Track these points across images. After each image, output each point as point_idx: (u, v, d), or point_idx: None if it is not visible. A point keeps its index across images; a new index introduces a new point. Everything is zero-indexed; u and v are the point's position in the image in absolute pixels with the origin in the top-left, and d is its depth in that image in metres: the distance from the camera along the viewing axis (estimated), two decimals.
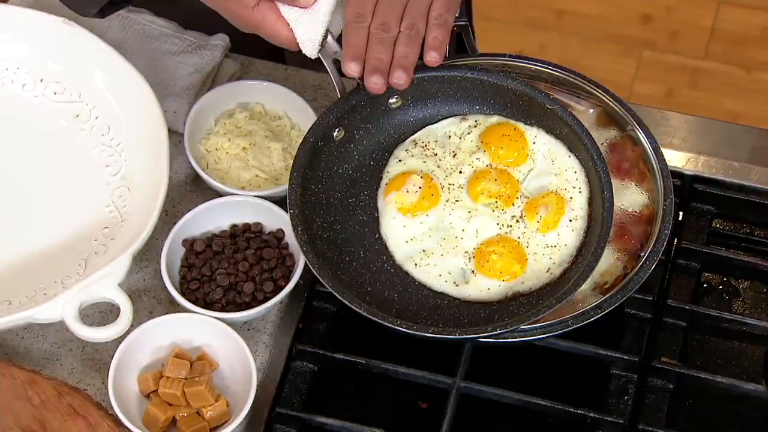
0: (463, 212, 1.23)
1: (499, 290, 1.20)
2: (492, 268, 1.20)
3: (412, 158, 1.26)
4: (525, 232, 1.22)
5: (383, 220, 1.24)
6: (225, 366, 1.26)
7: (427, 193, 1.23)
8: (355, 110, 1.24)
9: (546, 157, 1.25)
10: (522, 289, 1.20)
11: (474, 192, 1.23)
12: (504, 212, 1.23)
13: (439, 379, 1.26)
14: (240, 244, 1.31)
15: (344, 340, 1.30)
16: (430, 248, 1.22)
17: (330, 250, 1.22)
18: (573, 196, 1.22)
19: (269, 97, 1.40)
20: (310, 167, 1.22)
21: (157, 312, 1.31)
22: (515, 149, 1.25)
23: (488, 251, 1.20)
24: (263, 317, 1.31)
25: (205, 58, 1.41)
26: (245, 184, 1.35)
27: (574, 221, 1.21)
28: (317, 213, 1.22)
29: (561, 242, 1.21)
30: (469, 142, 1.26)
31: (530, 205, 1.22)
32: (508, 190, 1.23)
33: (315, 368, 1.29)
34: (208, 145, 1.38)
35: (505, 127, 1.26)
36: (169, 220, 1.35)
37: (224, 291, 1.28)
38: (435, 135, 1.27)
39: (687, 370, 1.27)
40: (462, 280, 1.21)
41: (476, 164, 1.25)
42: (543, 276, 1.20)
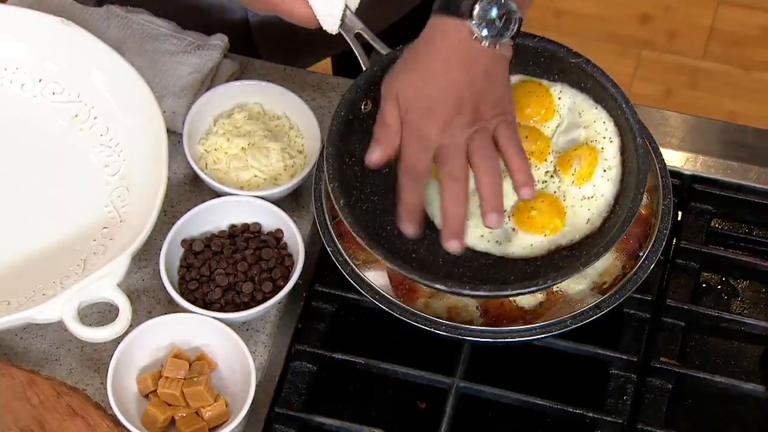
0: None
1: (542, 245, 1.20)
2: (533, 224, 1.20)
3: None
4: (561, 186, 1.22)
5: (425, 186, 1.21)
6: (224, 366, 1.26)
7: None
8: (381, 81, 1.20)
9: (573, 111, 1.24)
10: (564, 241, 1.20)
11: None
12: (538, 168, 1.22)
13: (438, 379, 1.26)
14: (239, 245, 1.31)
15: (343, 340, 1.31)
16: (470, 212, 1.19)
17: (372, 222, 1.21)
18: (604, 147, 1.22)
19: (268, 98, 1.40)
20: (342, 141, 1.21)
21: (155, 312, 1.31)
22: (542, 105, 1.24)
23: (527, 207, 1.20)
24: (262, 317, 1.32)
25: (204, 58, 1.42)
26: (244, 184, 1.36)
27: (608, 171, 1.21)
28: (354, 185, 1.21)
29: (597, 193, 1.21)
30: None
31: (563, 159, 1.22)
32: (540, 147, 1.23)
33: (314, 368, 1.29)
34: (207, 145, 1.38)
35: (529, 85, 1.25)
36: (168, 220, 1.35)
37: (223, 291, 1.29)
38: None
39: (686, 370, 1.27)
40: (504, 238, 1.21)
41: None
42: (583, 227, 1.21)
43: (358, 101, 1.23)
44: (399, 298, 1.24)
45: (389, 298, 1.23)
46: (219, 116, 1.40)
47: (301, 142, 1.39)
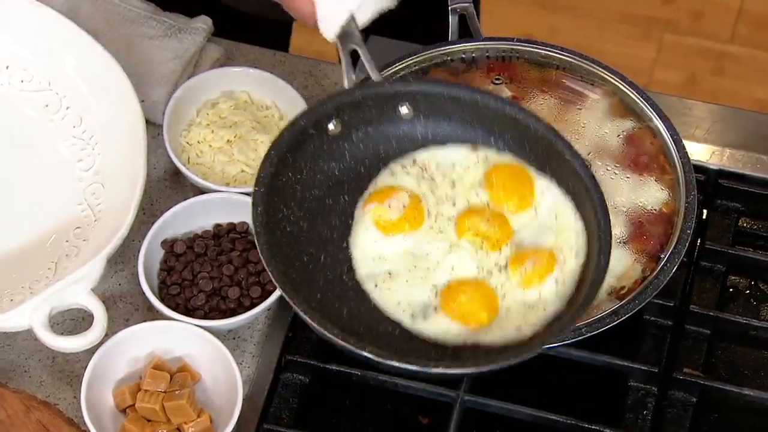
0: (444, 244, 1.21)
1: (458, 335, 1.17)
2: (457, 309, 1.18)
3: (406, 176, 1.24)
4: (504, 284, 1.19)
5: (355, 229, 1.21)
6: (208, 378, 1.27)
7: (410, 214, 1.21)
8: (359, 106, 1.21)
9: (550, 212, 1.22)
10: (483, 340, 1.17)
11: (462, 225, 1.21)
12: (488, 256, 1.20)
13: (442, 392, 1.26)
14: (224, 246, 1.32)
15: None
16: (396, 271, 1.20)
17: (288, 245, 1.18)
18: (567, 258, 1.19)
19: (256, 85, 1.41)
20: (293, 152, 1.20)
21: (133, 319, 1.32)
22: (518, 193, 1.22)
23: (459, 290, 1.19)
24: (250, 325, 1.32)
25: (186, 43, 1.42)
26: (230, 179, 1.36)
27: (559, 285, 1.18)
28: (286, 203, 1.20)
29: (540, 304, 1.18)
30: (473, 175, 1.24)
31: (518, 256, 1.20)
32: (498, 234, 1.21)
33: (306, 380, 1.29)
34: (190, 137, 1.39)
35: (514, 169, 1.23)
36: (147, 219, 1.35)
37: (207, 296, 1.29)
38: (438, 159, 1.24)
39: (711, 381, 1.28)
40: (421, 314, 1.18)
41: (473, 200, 1.23)
42: (510, 333, 1.17)
43: (324, 119, 1.21)
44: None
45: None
46: (202, 106, 1.40)
47: None
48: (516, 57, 1.37)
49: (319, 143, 1.22)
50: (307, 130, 1.20)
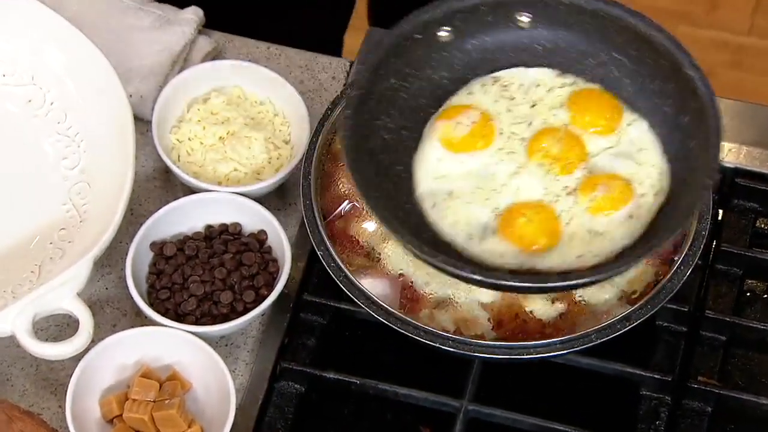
0: (512, 165, 1.22)
1: (514, 259, 1.19)
2: (514, 231, 1.19)
3: (484, 95, 1.25)
4: (572, 209, 1.20)
5: (422, 145, 1.23)
6: (199, 387, 1.27)
7: (478, 131, 1.23)
8: (474, 13, 1.21)
9: (633, 144, 1.23)
10: (540, 265, 1.19)
11: (532, 146, 1.22)
12: (557, 179, 1.21)
13: (444, 402, 1.27)
14: (216, 248, 1.32)
15: (336, 356, 1.32)
16: (458, 191, 1.21)
17: (384, 152, 1.21)
18: (645, 194, 1.21)
19: (249, 80, 1.41)
20: (395, 56, 1.21)
21: (121, 325, 1.32)
22: (603, 117, 1.24)
23: (519, 212, 1.20)
24: (243, 331, 1.32)
25: (176, 35, 1.42)
26: (222, 178, 1.37)
27: (632, 219, 1.19)
28: (387, 110, 1.21)
29: (608, 234, 1.19)
30: (556, 96, 1.25)
31: (590, 180, 1.21)
32: (570, 157, 1.22)
33: (302, 389, 1.30)
34: (180, 134, 1.39)
35: (602, 95, 1.25)
36: (135, 220, 1.36)
37: (198, 301, 1.30)
38: (522, 78, 1.26)
39: (727, 390, 1.28)
40: (479, 235, 1.20)
41: (551, 120, 1.24)
42: (570, 260, 1.19)
43: (433, 25, 1.21)
44: (400, 308, 1.25)
45: (388, 308, 1.24)
46: (193, 101, 1.41)
47: (288, 131, 1.40)
48: None
49: (427, 49, 1.23)
50: (412, 35, 1.21)
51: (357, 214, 1.30)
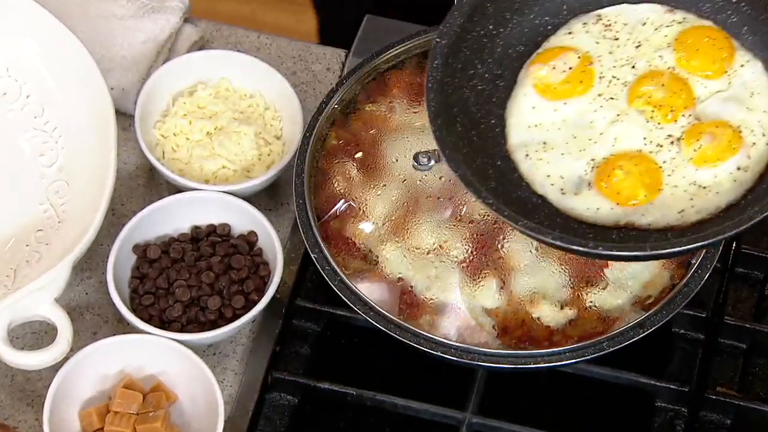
0: (611, 113, 1.21)
1: (610, 214, 1.18)
2: (611, 185, 1.18)
3: (586, 35, 1.25)
4: (675, 159, 1.19)
5: (514, 93, 1.23)
6: (185, 398, 1.27)
7: (576, 76, 1.22)
8: None
9: (745, 87, 1.22)
10: (638, 221, 1.17)
11: (634, 92, 1.22)
12: (660, 127, 1.20)
13: (447, 414, 1.27)
14: (203, 250, 1.32)
15: (331, 366, 1.32)
16: (552, 142, 1.21)
17: (476, 104, 1.21)
18: (756, 143, 1.19)
19: (238, 71, 1.42)
20: (493, 1, 1.22)
21: (102, 333, 1.32)
22: (713, 58, 1.22)
23: (616, 164, 1.19)
24: (232, 339, 1.33)
25: (160, 24, 1.43)
26: (209, 176, 1.37)
27: (741, 171, 1.18)
28: (481, 58, 1.22)
29: (714, 187, 1.18)
30: (662, 36, 1.24)
31: (695, 128, 1.19)
32: (674, 102, 1.20)
33: (295, 400, 1.30)
34: (164, 129, 1.39)
35: (714, 32, 1.23)
36: (117, 221, 1.36)
37: (184, 307, 1.30)
38: (627, 16, 1.26)
39: (748, 402, 1.27)
40: (572, 189, 1.19)
41: (656, 63, 1.23)
42: (671, 216, 1.17)
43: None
44: (399, 315, 1.25)
45: (387, 315, 1.24)
46: (178, 94, 1.41)
47: (279, 125, 1.41)
48: None
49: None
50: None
51: (353, 214, 1.30)
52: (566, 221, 1.18)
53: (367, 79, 1.37)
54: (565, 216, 1.18)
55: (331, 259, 1.26)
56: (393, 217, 1.30)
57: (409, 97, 1.36)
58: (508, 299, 1.26)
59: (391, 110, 1.36)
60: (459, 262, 1.28)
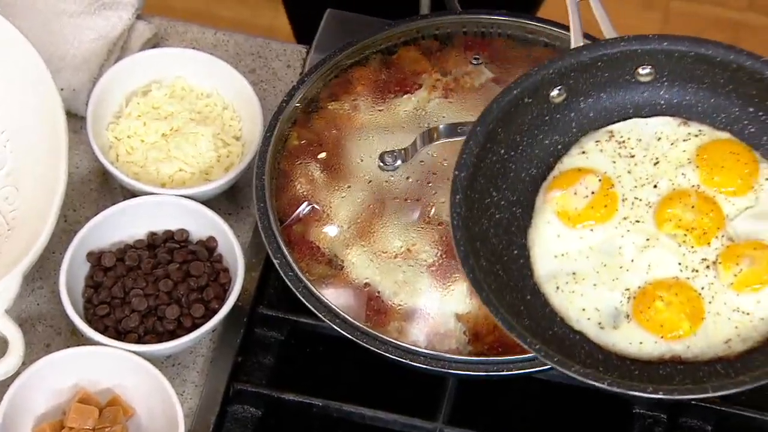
0: (640, 238, 1.21)
1: (654, 348, 1.17)
2: (653, 317, 1.17)
3: (600, 154, 1.25)
4: (713, 284, 1.19)
5: (535, 221, 1.23)
6: (143, 412, 1.28)
7: (600, 201, 1.22)
8: (588, 70, 1.23)
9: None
10: (685, 354, 1.17)
11: (662, 216, 1.22)
12: (693, 251, 1.20)
13: (417, 424, 1.28)
14: (161, 257, 1.33)
15: (295, 376, 1.33)
16: (582, 272, 1.21)
17: (496, 235, 1.22)
18: None
19: (194, 70, 1.43)
20: (504, 125, 1.22)
21: (55, 345, 1.33)
22: (738, 174, 1.22)
23: (655, 295, 1.18)
24: (192, 349, 1.34)
25: (112, 21, 1.44)
26: (166, 180, 1.38)
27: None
28: (496, 186, 1.23)
29: (758, 313, 1.18)
30: (681, 152, 1.24)
31: (731, 251, 1.19)
32: (706, 224, 1.20)
33: (258, 413, 1.31)
34: (118, 131, 1.40)
35: (734, 146, 1.24)
36: (70, 227, 1.37)
37: (141, 317, 1.31)
38: (640, 132, 1.26)
39: (729, 407, 1.28)
40: (610, 323, 1.19)
41: (679, 181, 1.23)
42: (717, 346, 1.17)
43: (545, 86, 1.23)
44: (366, 322, 1.26)
45: (353, 322, 1.25)
46: (132, 94, 1.42)
47: (238, 125, 1.42)
48: (497, 33, 1.40)
49: (539, 113, 1.24)
50: (522, 100, 1.23)
51: (317, 218, 1.31)
52: (607, 357, 1.17)
53: (330, 76, 1.38)
54: (606, 352, 1.18)
55: (295, 265, 1.27)
56: (358, 219, 1.31)
57: (374, 95, 1.37)
58: (479, 304, 1.26)
59: (355, 108, 1.37)
60: (428, 265, 1.28)
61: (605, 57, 1.23)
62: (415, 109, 1.36)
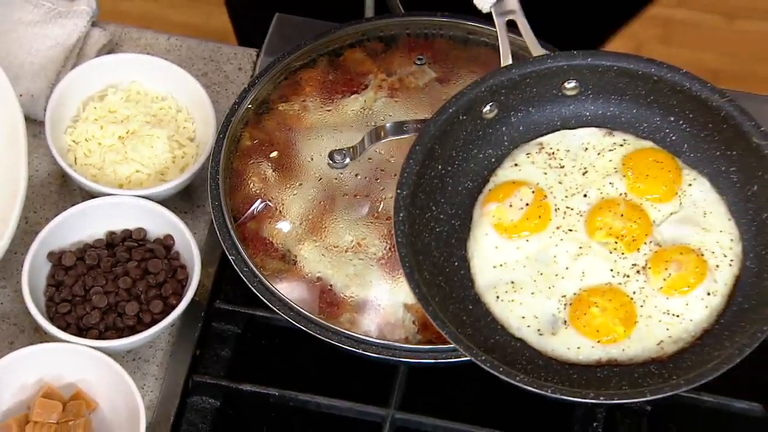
0: (573, 246, 1.22)
1: (592, 352, 1.19)
2: (589, 323, 1.18)
3: (531, 165, 1.26)
4: (644, 288, 1.20)
5: (473, 233, 1.24)
6: (106, 406, 1.29)
7: (534, 212, 1.23)
8: (517, 87, 1.24)
9: (697, 206, 1.23)
10: (620, 357, 1.19)
11: (592, 224, 1.22)
12: (624, 257, 1.21)
13: (370, 411, 1.29)
14: (120, 256, 1.33)
15: (252, 367, 1.33)
16: (520, 281, 1.22)
17: (437, 248, 1.22)
18: (720, 266, 1.20)
19: (149, 74, 1.43)
20: (442, 143, 1.23)
21: (19, 342, 1.33)
22: (663, 182, 1.24)
23: (590, 301, 1.19)
24: (151, 344, 1.34)
25: (67, 28, 1.44)
26: (123, 181, 1.38)
27: (711, 296, 1.19)
28: (435, 201, 1.23)
29: (687, 315, 1.19)
30: (607, 161, 1.26)
31: (659, 256, 1.21)
32: (635, 231, 1.21)
33: (217, 403, 1.32)
34: (76, 135, 1.40)
35: (657, 154, 1.25)
36: (30, 228, 1.37)
37: (102, 314, 1.31)
38: (568, 143, 1.27)
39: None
40: (549, 329, 1.20)
41: (607, 190, 1.24)
42: (650, 348, 1.19)
43: (478, 103, 1.24)
44: (319, 314, 1.27)
45: (306, 314, 1.26)
46: (89, 99, 1.42)
47: (192, 127, 1.42)
48: (440, 34, 1.40)
49: (473, 129, 1.25)
50: (457, 117, 1.23)
51: (270, 215, 1.31)
52: (548, 363, 1.19)
53: (280, 79, 1.38)
54: (546, 357, 1.19)
55: (249, 261, 1.27)
56: (310, 216, 1.31)
57: (322, 95, 1.38)
58: None
59: (304, 109, 1.37)
60: (377, 259, 1.29)
61: (533, 74, 1.24)
62: (362, 109, 1.37)
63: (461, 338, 1.15)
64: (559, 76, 1.25)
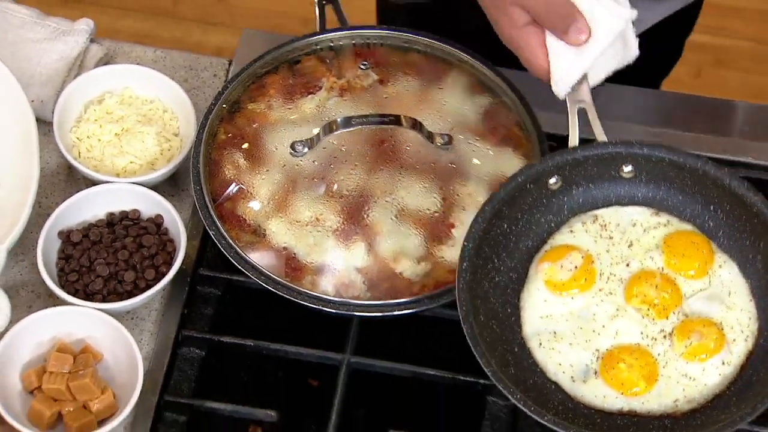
0: (611, 308, 1.24)
1: (615, 402, 1.21)
2: (615, 376, 1.21)
3: (585, 234, 1.27)
4: (668, 352, 1.22)
5: (527, 286, 1.26)
6: (110, 357, 1.33)
7: (581, 274, 1.25)
8: (581, 165, 1.26)
9: (724, 285, 1.25)
10: (640, 409, 1.21)
11: (630, 291, 1.25)
12: (654, 323, 1.23)
13: (329, 356, 1.34)
14: (118, 233, 1.38)
15: (231, 323, 1.38)
16: (562, 332, 1.24)
17: (494, 295, 1.23)
18: (736, 340, 1.22)
19: (139, 81, 1.47)
20: (509, 205, 1.25)
21: (36, 306, 1.36)
22: (696, 261, 1.25)
23: (619, 357, 1.21)
24: (146, 305, 1.38)
25: (70, 44, 1.47)
26: (120, 171, 1.43)
27: (726, 365, 1.22)
28: (498, 253, 1.24)
29: (702, 379, 1.21)
30: (651, 237, 1.27)
31: (685, 326, 1.23)
32: (665, 302, 1.23)
33: (202, 354, 1.36)
34: (79, 133, 1.45)
35: (695, 237, 1.26)
36: (43, 211, 1.40)
37: (104, 281, 1.35)
38: (619, 218, 1.28)
39: None
40: (581, 377, 1.22)
41: (647, 263, 1.26)
42: (667, 404, 1.21)
43: (545, 175, 1.25)
44: (285, 277, 1.32)
45: (275, 278, 1.31)
46: (89, 103, 1.46)
47: (176, 124, 1.47)
48: (380, 43, 1.45)
49: (538, 196, 1.27)
50: (526, 185, 1.26)
51: (243, 196, 1.36)
52: (576, 406, 1.22)
53: (248, 83, 1.43)
54: (576, 401, 1.22)
55: (226, 235, 1.32)
56: (276, 196, 1.36)
57: (284, 96, 1.42)
58: (374, 259, 1.33)
59: (269, 108, 1.41)
60: (333, 230, 1.34)
61: (595, 156, 1.26)
62: (317, 107, 1.41)
63: (502, 377, 1.18)
64: (617, 161, 1.27)
